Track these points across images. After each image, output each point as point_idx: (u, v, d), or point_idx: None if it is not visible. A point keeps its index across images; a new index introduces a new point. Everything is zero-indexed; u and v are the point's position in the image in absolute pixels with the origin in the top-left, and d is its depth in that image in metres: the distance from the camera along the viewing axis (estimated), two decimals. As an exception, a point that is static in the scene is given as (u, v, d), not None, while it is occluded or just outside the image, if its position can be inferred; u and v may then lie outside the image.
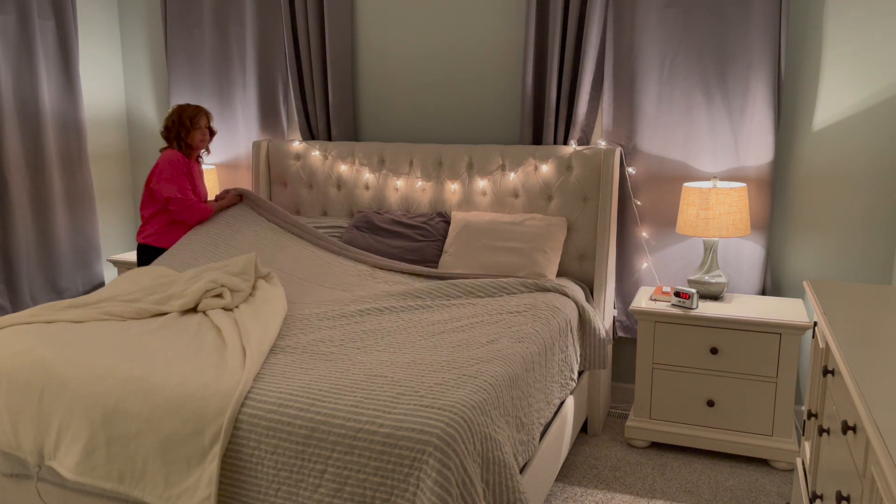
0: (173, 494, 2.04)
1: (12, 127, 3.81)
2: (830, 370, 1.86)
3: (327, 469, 1.90)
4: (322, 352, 2.37)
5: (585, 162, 3.39)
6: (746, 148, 3.25)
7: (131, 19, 4.42)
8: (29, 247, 3.93)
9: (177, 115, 3.56)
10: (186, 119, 3.55)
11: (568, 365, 2.82)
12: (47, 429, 2.24)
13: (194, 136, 3.57)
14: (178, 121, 3.55)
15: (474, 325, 2.66)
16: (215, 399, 2.04)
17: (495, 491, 1.97)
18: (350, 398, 1.99)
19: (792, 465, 3.04)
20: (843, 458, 1.57)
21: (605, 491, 2.89)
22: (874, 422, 1.23)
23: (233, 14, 4.07)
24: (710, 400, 3.11)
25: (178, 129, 3.55)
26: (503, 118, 3.70)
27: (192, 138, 3.57)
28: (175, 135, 3.56)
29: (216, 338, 2.44)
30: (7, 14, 3.75)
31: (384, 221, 3.61)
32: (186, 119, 3.55)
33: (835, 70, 3.14)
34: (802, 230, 3.29)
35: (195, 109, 3.58)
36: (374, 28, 3.87)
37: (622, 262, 3.56)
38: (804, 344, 3.32)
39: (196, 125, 3.56)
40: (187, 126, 3.54)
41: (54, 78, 3.99)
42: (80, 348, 2.37)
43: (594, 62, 3.41)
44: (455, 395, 2.00)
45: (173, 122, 3.56)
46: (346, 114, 3.91)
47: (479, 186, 3.58)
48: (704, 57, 3.25)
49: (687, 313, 3.08)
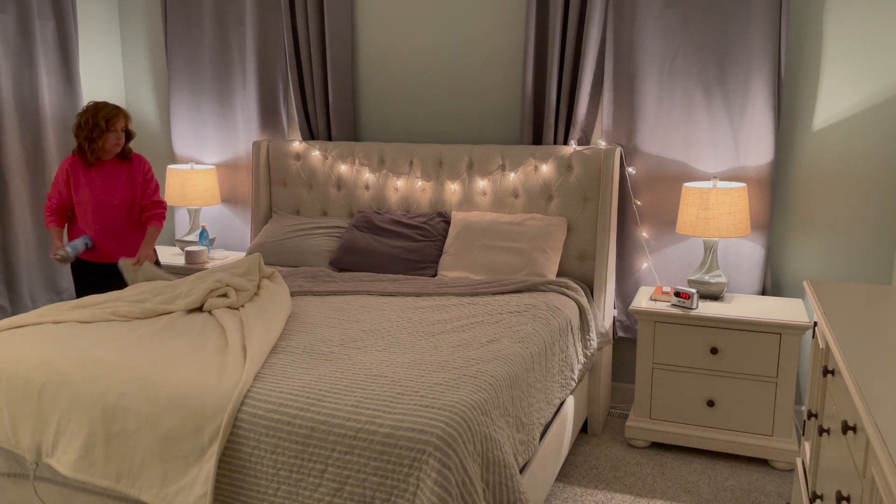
0: (170, 493, 2.04)
1: (12, 127, 3.81)
2: (830, 370, 1.86)
3: (327, 469, 1.90)
4: (322, 352, 2.37)
5: (585, 162, 3.39)
6: (746, 148, 3.25)
7: (131, 19, 4.42)
8: (29, 247, 3.93)
9: (91, 113, 3.26)
10: (102, 119, 3.25)
11: (568, 365, 2.82)
12: (46, 426, 2.24)
13: (107, 139, 3.28)
14: (91, 120, 3.25)
15: (474, 325, 2.66)
16: (215, 397, 2.04)
17: (495, 491, 1.97)
18: (350, 398, 1.99)
19: (792, 465, 3.04)
20: (843, 458, 1.57)
21: (605, 491, 2.89)
22: (874, 422, 1.23)
23: (233, 14, 4.07)
24: (710, 400, 3.11)
25: (90, 128, 3.25)
26: (503, 118, 3.70)
27: (105, 140, 3.27)
28: (87, 134, 3.26)
29: (220, 337, 2.44)
30: (7, 14, 3.74)
31: (384, 221, 3.61)
32: (102, 119, 3.25)
33: (835, 70, 3.14)
34: (802, 230, 3.29)
35: (113, 110, 3.29)
36: (374, 28, 3.87)
37: (622, 262, 3.56)
38: (804, 344, 3.32)
39: (112, 127, 3.27)
40: (101, 127, 3.25)
41: (54, 78, 3.99)
42: (81, 346, 2.37)
43: (594, 62, 3.41)
44: (455, 395, 2.00)
45: (86, 122, 3.26)
46: (346, 114, 3.91)
47: (479, 186, 3.58)
48: (704, 57, 3.26)
49: (687, 313, 3.08)
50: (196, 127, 4.26)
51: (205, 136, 4.26)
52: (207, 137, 4.26)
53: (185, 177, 4.07)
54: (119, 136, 3.31)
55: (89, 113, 3.27)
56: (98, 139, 3.26)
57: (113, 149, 3.33)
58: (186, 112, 4.26)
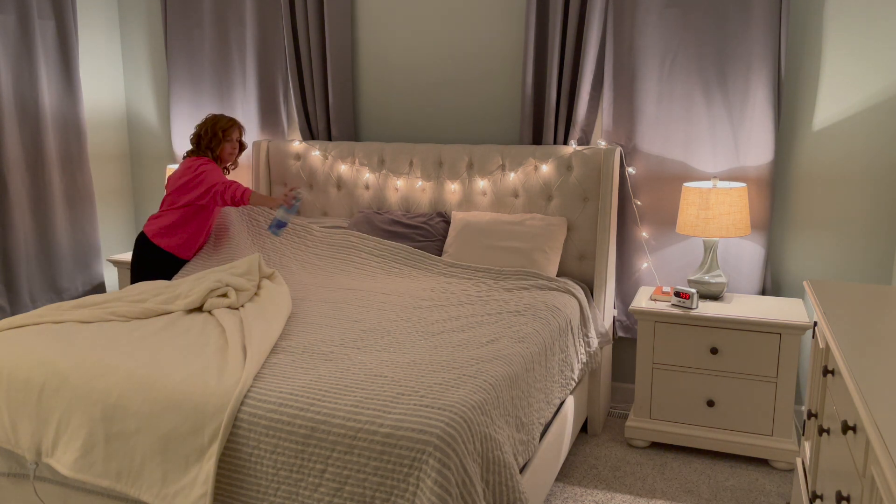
0: (170, 493, 2.04)
1: (12, 127, 3.81)
2: (830, 370, 1.86)
3: (327, 469, 1.90)
4: (322, 352, 2.37)
5: (585, 162, 3.39)
6: (746, 148, 3.25)
7: (131, 19, 4.42)
8: (29, 247, 3.93)
9: (210, 124, 3.50)
10: (219, 130, 3.49)
11: (568, 365, 2.82)
12: (46, 425, 2.24)
13: (224, 149, 3.51)
14: (210, 131, 3.48)
15: (474, 325, 2.66)
16: (215, 397, 2.04)
17: (495, 491, 1.97)
18: (350, 398, 1.99)
19: (792, 465, 3.04)
20: (843, 458, 1.57)
21: (605, 491, 2.89)
22: (874, 422, 1.23)
23: (233, 14, 4.07)
24: (710, 400, 3.11)
25: (209, 139, 3.48)
26: (503, 118, 3.70)
27: (223, 150, 3.51)
28: (206, 144, 3.49)
29: (220, 337, 2.45)
30: (7, 14, 3.75)
31: (384, 221, 3.61)
32: (219, 130, 3.49)
33: (835, 70, 3.14)
34: (802, 230, 3.29)
35: (229, 121, 3.52)
36: (374, 28, 3.87)
37: (622, 262, 3.56)
38: (804, 344, 3.32)
39: (228, 137, 3.50)
40: (219, 137, 3.48)
41: (54, 78, 3.99)
42: (82, 346, 2.38)
43: (594, 62, 3.41)
44: (455, 394, 2.00)
45: (206, 132, 3.49)
46: (346, 114, 3.91)
47: (479, 186, 3.58)
48: (704, 57, 3.25)
49: (687, 313, 3.08)
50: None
51: (205, 136, 4.26)
52: (207, 137, 4.26)
53: (185, 177, 4.07)
54: (234, 146, 3.55)
55: (208, 124, 3.51)
56: (216, 149, 3.49)
57: (228, 158, 3.56)
58: (186, 112, 4.26)
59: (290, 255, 3.55)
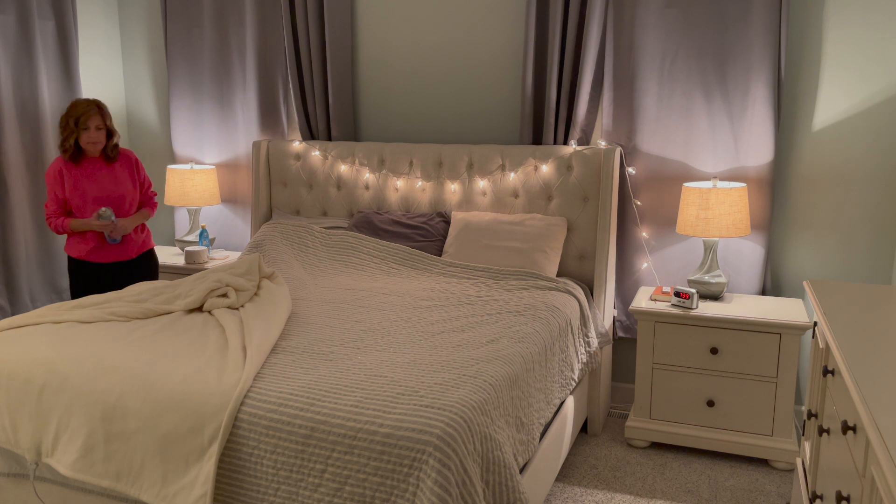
0: (170, 493, 2.04)
1: (12, 127, 3.81)
2: (830, 370, 1.86)
3: (327, 469, 1.90)
4: (322, 352, 2.37)
5: (585, 162, 3.39)
6: (746, 148, 3.25)
7: (131, 19, 4.42)
8: (29, 247, 3.93)
9: (65, 113, 3.20)
10: (71, 120, 3.18)
11: (568, 365, 2.82)
12: (46, 426, 2.24)
13: (82, 138, 3.20)
14: (63, 120, 3.19)
15: (474, 325, 2.66)
16: (215, 397, 2.04)
17: (495, 491, 1.97)
18: (350, 398, 1.99)
19: (792, 465, 3.04)
20: (843, 458, 1.57)
21: (605, 491, 2.89)
22: (874, 422, 1.23)
23: (233, 14, 4.07)
24: (710, 400, 3.11)
25: (70, 129, 3.19)
26: (503, 118, 3.70)
27: (81, 140, 3.20)
28: (68, 135, 3.20)
29: (220, 337, 2.45)
30: (7, 14, 3.74)
31: (384, 222, 3.61)
32: (71, 120, 3.18)
33: (835, 70, 3.14)
34: (802, 230, 3.29)
35: (84, 108, 3.18)
36: (374, 28, 3.87)
37: (622, 262, 3.56)
38: (804, 344, 3.32)
39: (84, 126, 3.18)
40: (71, 127, 3.19)
41: (54, 78, 3.99)
42: (82, 346, 2.37)
43: (594, 62, 3.41)
44: (455, 395, 2.00)
45: (66, 123, 3.20)
46: (346, 114, 3.91)
47: (479, 186, 3.58)
48: (704, 57, 3.25)
49: (687, 313, 3.08)
50: (196, 127, 4.26)
51: (205, 136, 4.26)
52: (207, 137, 4.26)
53: (185, 177, 4.07)
54: (93, 134, 3.21)
55: (66, 112, 3.21)
56: (79, 139, 3.20)
57: (91, 148, 3.23)
58: (186, 112, 4.26)
59: (290, 256, 3.55)
